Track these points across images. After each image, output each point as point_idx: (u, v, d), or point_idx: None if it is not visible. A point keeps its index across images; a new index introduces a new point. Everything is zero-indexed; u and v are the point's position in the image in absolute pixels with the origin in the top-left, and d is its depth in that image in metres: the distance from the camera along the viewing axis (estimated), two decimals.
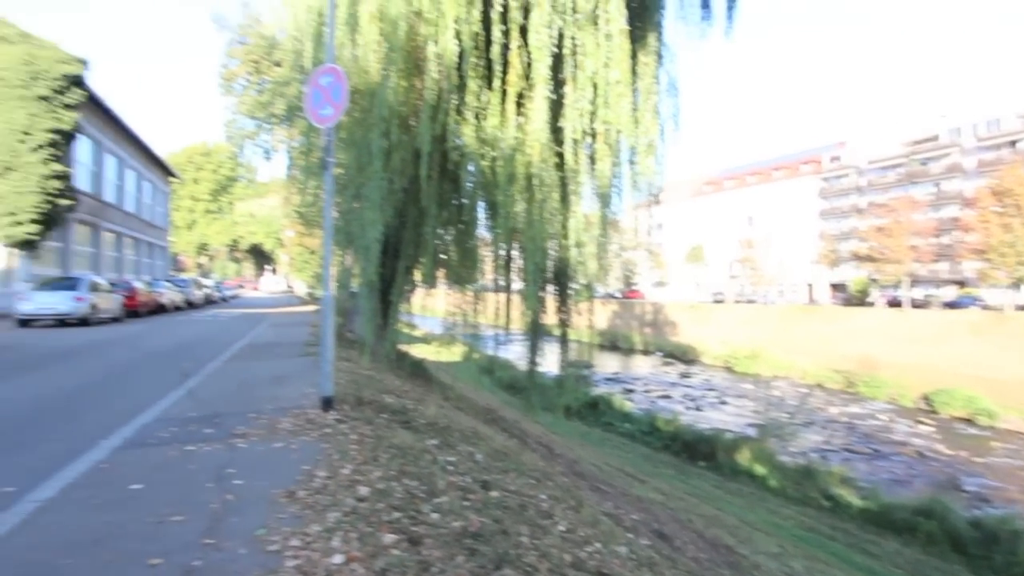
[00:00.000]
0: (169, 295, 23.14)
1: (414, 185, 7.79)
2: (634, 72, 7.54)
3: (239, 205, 61.10)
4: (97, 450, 3.89)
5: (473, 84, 7.35)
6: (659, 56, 7.91)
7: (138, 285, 20.10)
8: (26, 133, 16.78)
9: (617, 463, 11.09)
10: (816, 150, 62.01)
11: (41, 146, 17.03)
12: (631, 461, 12.37)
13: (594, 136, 7.44)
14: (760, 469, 14.14)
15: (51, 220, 17.87)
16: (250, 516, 2.73)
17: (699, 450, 15.12)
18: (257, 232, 61.55)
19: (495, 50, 7.10)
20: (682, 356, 39.56)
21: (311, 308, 24.56)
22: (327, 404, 4.91)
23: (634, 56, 7.47)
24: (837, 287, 53.72)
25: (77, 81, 18.25)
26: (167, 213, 39.11)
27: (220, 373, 7.45)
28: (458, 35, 7.03)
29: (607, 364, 35.37)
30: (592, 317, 8.94)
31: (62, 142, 17.95)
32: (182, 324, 16.98)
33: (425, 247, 8.40)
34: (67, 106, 17.81)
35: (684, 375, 33.37)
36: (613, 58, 7.09)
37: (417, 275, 9.16)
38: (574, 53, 7.14)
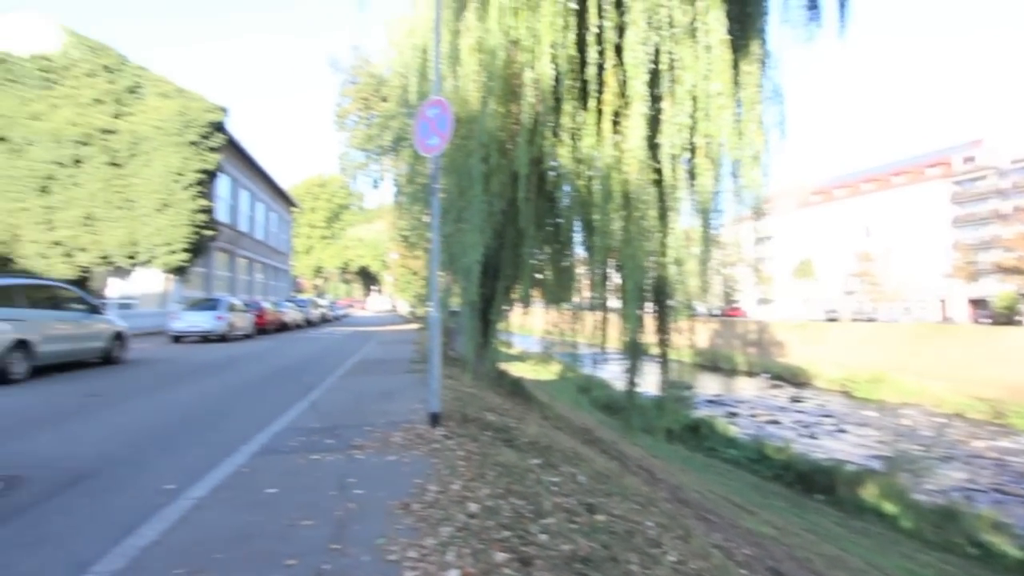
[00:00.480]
0: (291, 314, 25.51)
1: (512, 207, 7.99)
2: (736, 82, 7.27)
3: (349, 230, 66.13)
4: (238, 455, 4.34)
5: (568, 105, 7.45)
6: (762, 63, 7.56)
7: (266, 305, 22.36)
8: (179, 174, 19.48)
9: (722, 491, 10.44)
10: (944, 151, 55.41)
11: (191, 185, 19.70)
12: (737, 490, 11.58)
13: (693, 151, 7.23)
14: (890, 507, 12.64)
15: (198, 249, 20.52)
16: (370, 525, 2.91)
17: (815, 482, 13.82)
18: (365, 255, 66.13)
19: (590, 71, 7.15)
20: (791, 378, 36.56)
21: (413, 326, 25.78)
22: (435, 420, 5.11)
23: (735, 65, 7.21)
24: (977, 303, 47.30)
25: (219, 127, 20.90)
26: (289, 240, 43.20)
27: (337, 387, 8.04)
28: (554, 59, 7.17)
29: (708, 385, 33.50)
30: (692, 336, 8.60)
31: (207, 180, 20.66)
32: (302, 341, 18.53)
33: (523, 267, 8.56)
34: (211, 149, 20.45)
35: (794, 399, 30.76)
36: (713, 70, 6.88)
37: (515, 294, 9.34)
38: (671, 68, 7.02)
